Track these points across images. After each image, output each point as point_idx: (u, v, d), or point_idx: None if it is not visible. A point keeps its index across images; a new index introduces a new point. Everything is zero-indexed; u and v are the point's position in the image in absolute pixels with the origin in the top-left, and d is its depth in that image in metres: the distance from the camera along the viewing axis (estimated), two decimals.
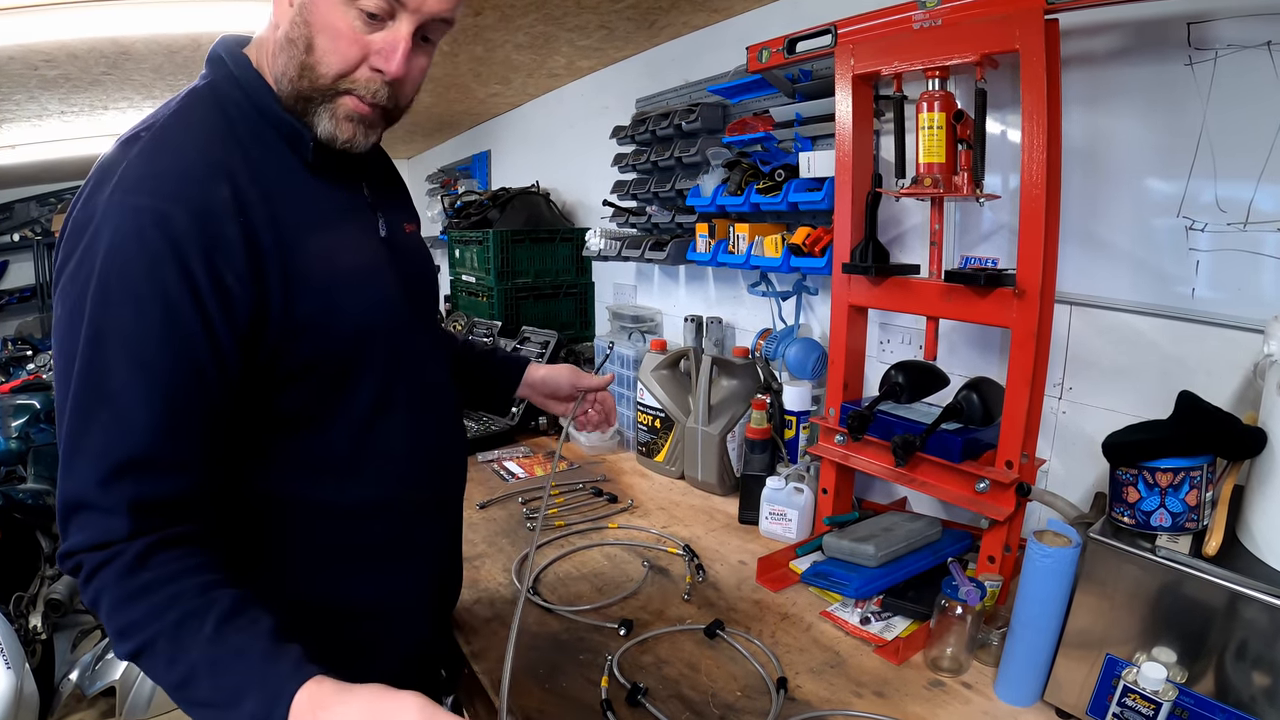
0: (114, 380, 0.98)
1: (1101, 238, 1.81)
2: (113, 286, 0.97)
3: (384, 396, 1.28)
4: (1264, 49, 1.50)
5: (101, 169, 1.06)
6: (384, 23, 1.13)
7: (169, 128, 1.09)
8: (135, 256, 0.98)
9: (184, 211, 1.00)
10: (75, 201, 1.06)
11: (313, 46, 1.11)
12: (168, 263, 0.99)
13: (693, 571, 1.99)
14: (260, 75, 1.17)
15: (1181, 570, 1.24)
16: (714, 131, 2.88)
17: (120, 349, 0.98)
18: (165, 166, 1.04)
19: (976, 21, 1.63)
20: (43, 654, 3.49)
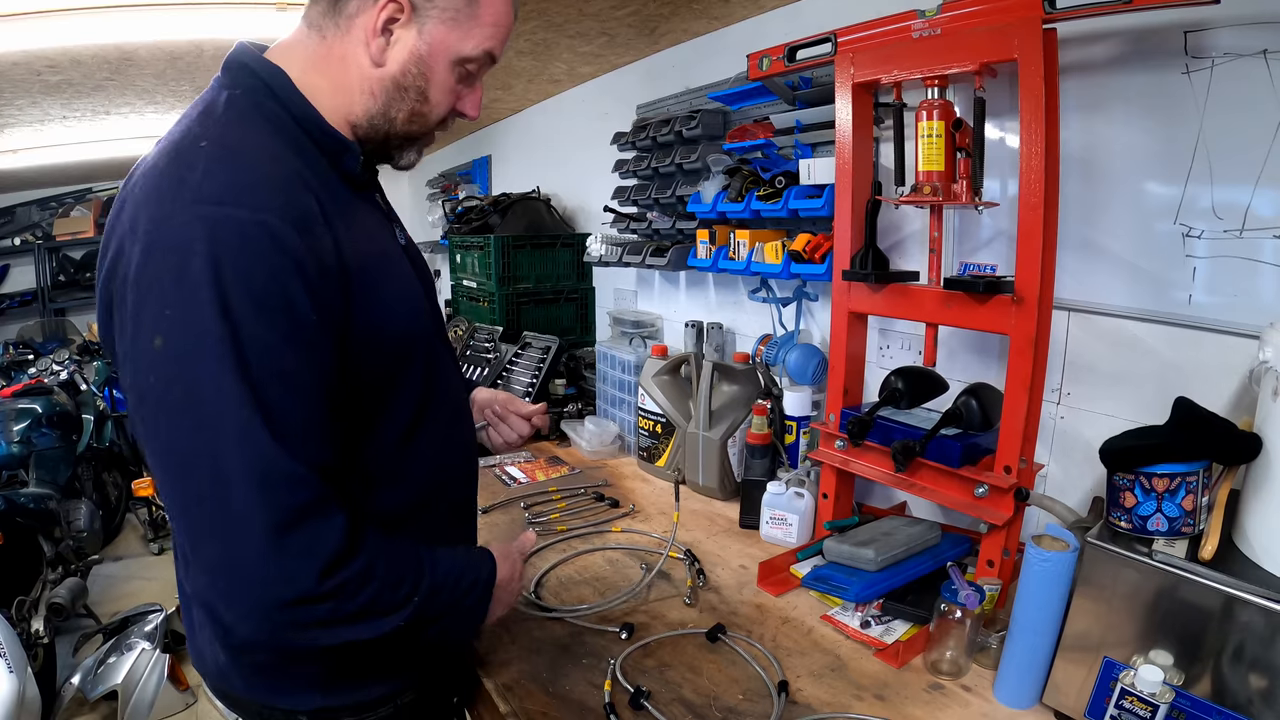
0: (271, 394, 0.99)
1: (1099, 244, 1.82)
2: (240, 304, 0.97)
3: (423, 401, 1.32)
4: (1260, 57, 1.51)
5: (157, 189, 1.04)
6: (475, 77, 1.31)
7: (234, 136, 1.10)
8: (256, 271, 0.99)
9: (287, 224, 1.02)
10: (130, 212, 1.04)
11: (427, 98, 1.25)
12: (291, 275, 1.01)
13: (694, 576, 2.00)
14: (301, 93, 1.19)
15: (1178, 574, 1.25)
16: (715, 138, 2.89)
17: (265, 365, 0.99)
18: (252, 177, 1.05)
19: (975, 31, 1.64)
20: (44, 658, 3.50)
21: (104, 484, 5.49)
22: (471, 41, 1.23)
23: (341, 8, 1.18)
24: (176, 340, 0.97)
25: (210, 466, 0.97)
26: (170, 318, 0.97)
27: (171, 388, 0.98)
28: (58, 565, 4.10)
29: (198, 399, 0.97)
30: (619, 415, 3.17)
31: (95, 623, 4.08)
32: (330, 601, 1.03)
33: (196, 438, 0.98)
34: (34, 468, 4.42)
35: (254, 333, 0.98)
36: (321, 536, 1.02)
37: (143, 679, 3.51)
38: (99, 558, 4.63)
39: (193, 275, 0.96)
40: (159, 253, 0.98)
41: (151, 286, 0.98)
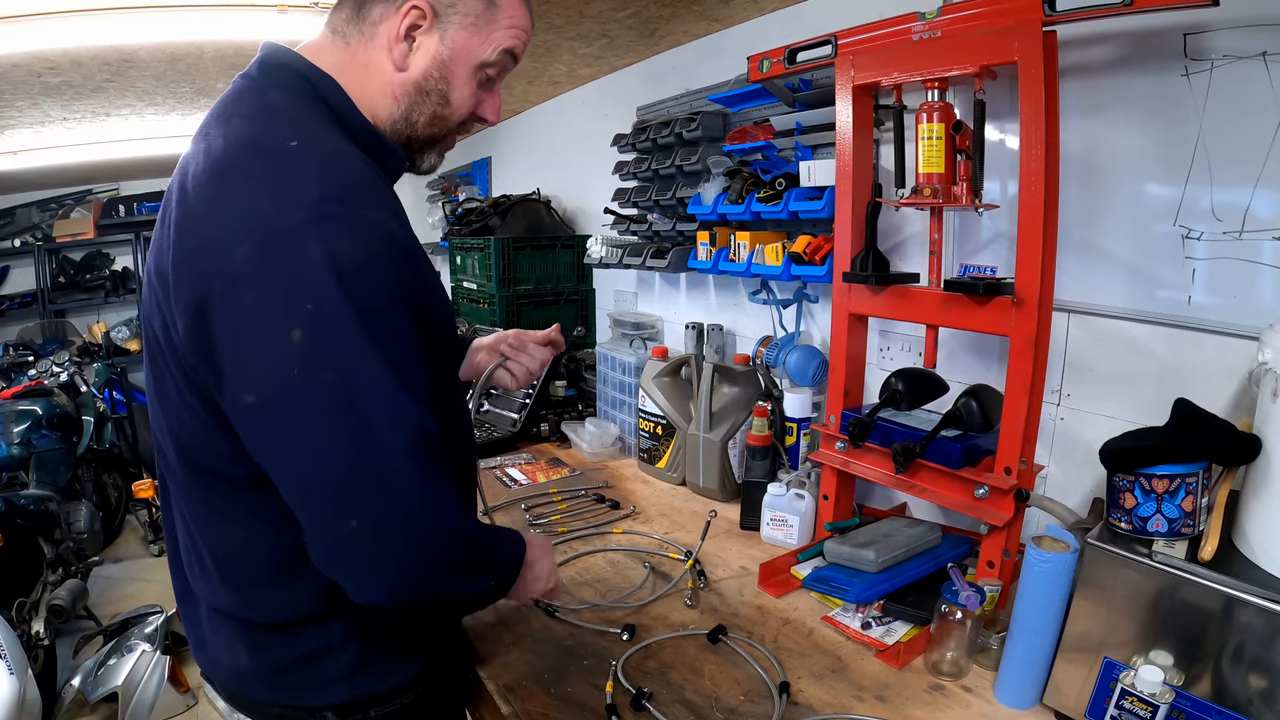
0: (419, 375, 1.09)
1: (1099, 246, 1.83)
2: (370, 293, 1.01)
3: (453, 388, 1.42)
4: (1259, 59, 1.51)
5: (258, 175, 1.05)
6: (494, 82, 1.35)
7: (320, 137, 1.13)
8: (381, 265, 1.04)
9: (397, 221, 1.10)
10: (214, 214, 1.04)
11: (448, 101, 1.28)
12: (406, 268, 1.08)
13: (694, 577, 2.00)
14: (347, 95, 1.22)
15: (1178, 575, 1.26)
16: (715, 140, 2.89)
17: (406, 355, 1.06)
18: (359, 178, 1.09)
19: (975, 33, 1.65)
20: (45, 660, 3.50)
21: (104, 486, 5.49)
22: (491, 45, 1.27)
23: (365, 14, 1.21)
24: (320, 331, 0.99)
25: (365, 442, 1.01)
26: (311, 311, 0.98)
27: (321, 376, 1.00)
28: (58, 567, 4.10)
29: (351, 382, 1.00)
30: (619, 417, 3.17)
31: (95, 624, 4.09)
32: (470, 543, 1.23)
33: (348, 418, 1.01)
34: (34, 469, 4.43)
35: (387, 320, 1.03)
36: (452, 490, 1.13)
37: (143, 681, 3.52)
38: (99, 559, 4.63)
39: (321, 271, 0.98)
40: (283, 249, 0.99)
41: (279, 283, 0.99)
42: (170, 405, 1.17)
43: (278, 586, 1.22)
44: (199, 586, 1.32)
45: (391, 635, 1.31)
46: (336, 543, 1.04)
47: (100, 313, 8.42)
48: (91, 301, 8.20)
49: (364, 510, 1.03)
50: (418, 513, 1.05)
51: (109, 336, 8.08)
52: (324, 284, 0.97)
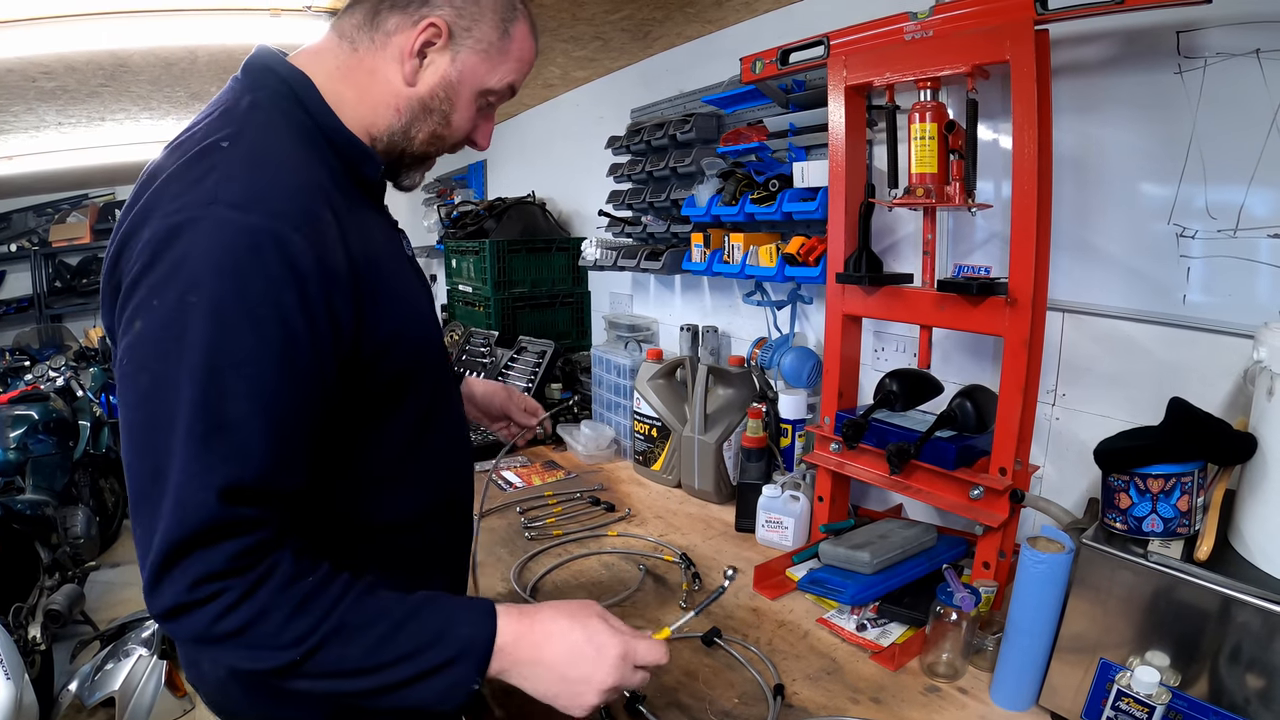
0: (233, 408, 0.96)
1: (1093, 245, 1.82)
2: (228, 309, 0.95)
3: (429, 408, 1.33)
4: (1253, 57, 1.51)
5: (175, 181, 1.03)
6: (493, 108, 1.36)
7: (257, 139, 1.09)
8: (254, 279, 0.97)
9: (299, 235, 1.01)
10: (142, 211, 1.02)
11: (450, 122, 1.28)
12: (288, 288, 0.99)
13: (689, 579, 1.99)
14: (323, 96, 1.20)
15: (1174, 575, 1.25)
16: (708, 141, 2.89)
17: (238, 376, 0.96)
18: (270, 183, 1.04)
19: (967, 33, 1.65)
20: (42, 665, 3.48)
21: (101, 490, 5.47)
22: (498, 74, 1.28)
23: (380, 23, 1.20)
24: (155, 331, 0.96)
25: (150, 460, 0.97)
26: (156, 308, 0.96)
27: (140, 375, 0.98)
28: (55, 572, 4.08)
29: (158, 393, 0.96)
30: (615, 419, 3.18)
31: (93, 629, 4.07)
32: (199, 612, 0.96)
33: (148, 428, 0.97)
34: (30, 474, 4.41)
35: (236, 343, 0.96)
36: (217, 552, 0.96)
37: (140, 685, 3.50)
38: (96, 564, 4.61)
39: (189, 274, 0.95)
40: (163, 246, 0.97)
41: (148, 274, 0.97)
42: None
43: None
44: None
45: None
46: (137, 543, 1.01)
47: (96, 317, 8.41)
48: (88, 306, 8.22)
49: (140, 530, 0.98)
50: (149, 576, 0.96)
51: (105, 341, 8.07)
52: (177, 286, 0.95)
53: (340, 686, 1.03)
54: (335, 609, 1.02)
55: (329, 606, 1.01)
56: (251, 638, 0.98)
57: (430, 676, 1.04)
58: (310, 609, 1.00)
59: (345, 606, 1.03)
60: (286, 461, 1.03)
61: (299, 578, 1.01)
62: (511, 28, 1.27)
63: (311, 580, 1.02)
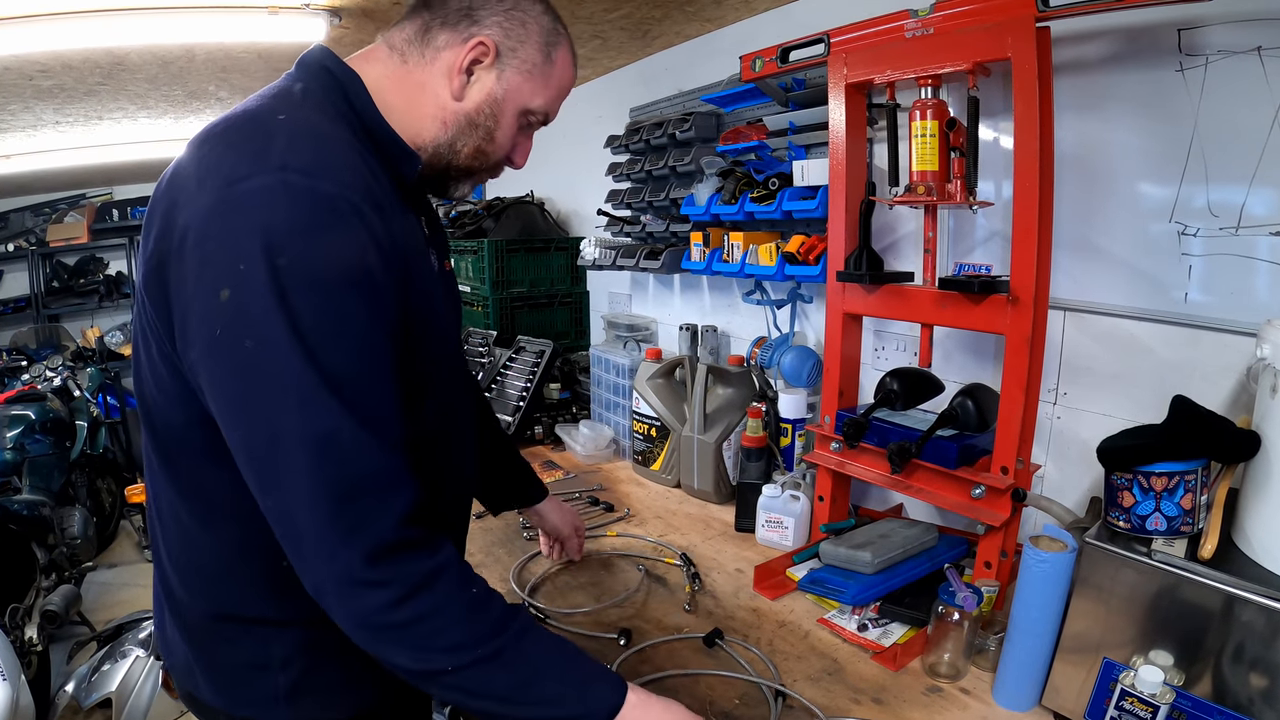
0: (353, 370, 1.00)
1: (1095, 244, 1.82)
2: (327, 276, 0.98)
3: (444, 414, 1.36)
4: (1254, 54, 1.51)
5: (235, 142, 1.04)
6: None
7: (313, 118, 1.11)
8: (338, 242, 0.99)
9: (368, 204, 1.04)
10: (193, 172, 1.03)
11: (494, 138, 1.29)
12: (370, 249, 1.02)
13: (690, 580, 1.99)
14: (372, 96, 1.21)
15: (1177, 574, 1.25)
16: (708, 140, 2.89)
17: (358, 340, 1.01)
18: (335, 158, 1.05)
19: (968, 30, 1.64)
20: (38, 666, 3.48)
21: (98, 491, 5.47)
22: (540, 96, 1.30)
23: (430, 39, 1.22)
24: (245, 294, 0.95)
25: (269, 426, 0.98)
26: (243, 272, 0.95)
27: (238, 343, 0.97)
28: (51, 572, 4.08)
29: (263, 357, 0.96)
30: (614, 419, 3.17)
31: (89, 630, 4.07)
32: (386, 591, 1.00)
33: (262, 387, 0.98)
34: (27, 474, 4.41)
35: (329, 301, 0.98)
36: (378, 513, 1.00)
37: (137, 687, 3.49)
38: (93, 565, 4.61)
39: (273, 237, 0.95)
40: (236, 210, 0.97)
41: (224, 241, 0.97)
42: (142, 369, 1.17)
43: (221, 580, 1.21)
44: (159, 573, 1.30)
45: (334, 661, 1.26)
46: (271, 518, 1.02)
47: (94, 317, 8.43)
48: (85, 306, 8.20)
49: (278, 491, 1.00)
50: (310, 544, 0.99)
51: (102, 341, 8.08)
52: (259, 248, 0.95)
53: (469, 705, 1.09)
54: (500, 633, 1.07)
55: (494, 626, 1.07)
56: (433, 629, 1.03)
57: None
58: (479, 623, 1.06)
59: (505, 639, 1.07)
60: (394, 412, 1.07)
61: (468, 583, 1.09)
62: (554, 52, 1.29)
63: (476, 591, 1.09)
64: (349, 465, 0.98)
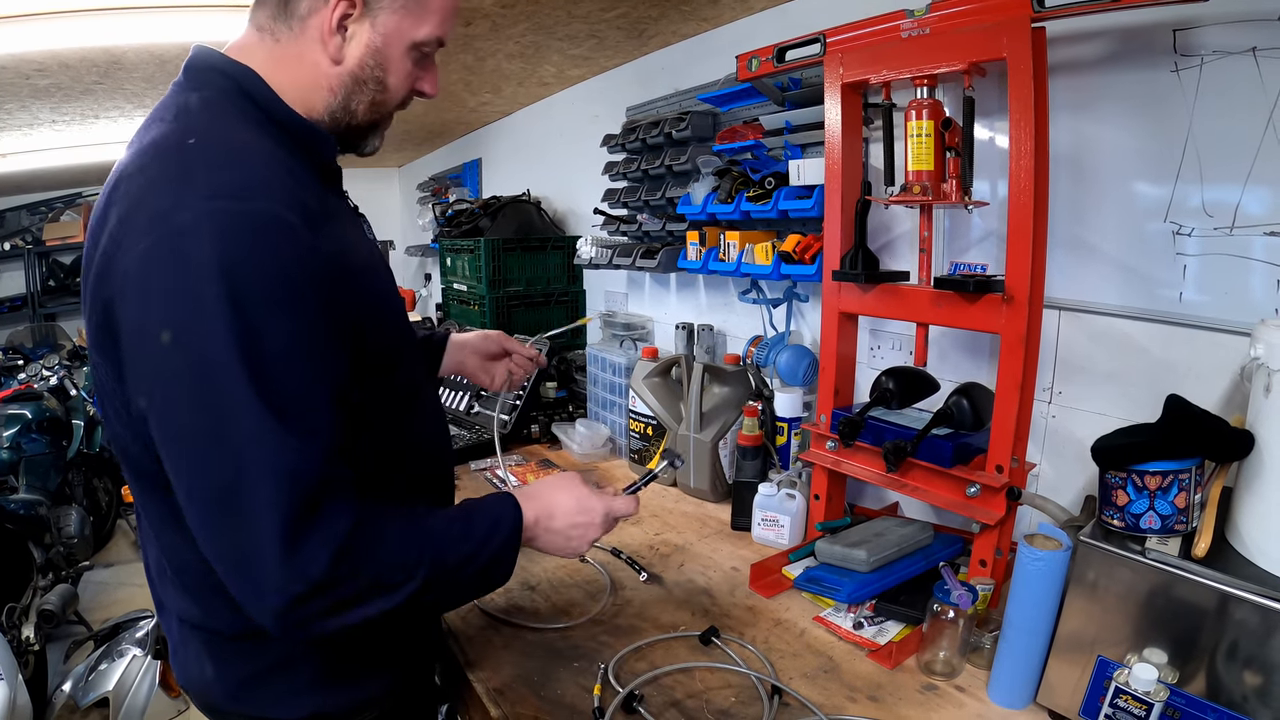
0: (293, 387, 1.00)
1: (1089, 243, 1.82)
2: (255, 295, 0.96)
3: (411, 384, 1.37)
4: (1249, 55, 1.51)
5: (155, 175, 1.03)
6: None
7: (222, 133, 1.10)
8: (270, 261, 0.99)
9: (295, 215, 1.03)
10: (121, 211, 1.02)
11: (386, 86, 1.27)
12: (300, 264, 1.01)
13: (636, 570, 2.05)
14: (272, 89, 1.19)
15: (1172, 572, 1.25)
16: (704, 139, 2.89)
17: (291, 356, 1.00)
18: (256, 172, 1.05)
19: (964, 30, 1.64)
20: (36, 665, 3.48)
21: (94, 490, 5.47)
22: (426, 25, 1.25)
23: (292, 9, 1.18)
24: (187, 334, 0.95)
25: (223, 462, 0.97)
26: (181, 311, 0.95)
27: (181, 381, 0.97)
28: (48, 572, 4.08)
29: (210, 393, 0.96)
30: (610, 418, 3.17)
31: (86, 629, 4.07)
32: (343, 585, 1.02)
33: (209, 431, 0.97)
34: (24, 473, 4.41)
35: (269, 324, 0.97)
36: (334, 521, 1.01)
37: (134, 686, 3.50)
38: (90, 564, 4.61)
39: (205, 269, 0.94)
40: (167, 248, 0.96)
41: (158, 281, 0.96)
42: (108, 412, 1.17)
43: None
44: (166, 596, 1.32)
45: (354, 651, 1.30)
46: (213, 559, 1.03)
47: None
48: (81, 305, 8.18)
49: (220, 548, 1.01)
50: (268, 576, 0.98)
51: None
52: (197, 284, 0.95)
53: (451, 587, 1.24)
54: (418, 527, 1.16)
55: (416, 527, 1.16)
56: (384, 582, 1.08)
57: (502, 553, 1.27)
58: (410, 535, 1.14)
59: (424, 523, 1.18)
60: (335, 425, 1.06)
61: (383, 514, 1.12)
62: None
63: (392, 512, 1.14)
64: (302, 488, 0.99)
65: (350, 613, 1.05)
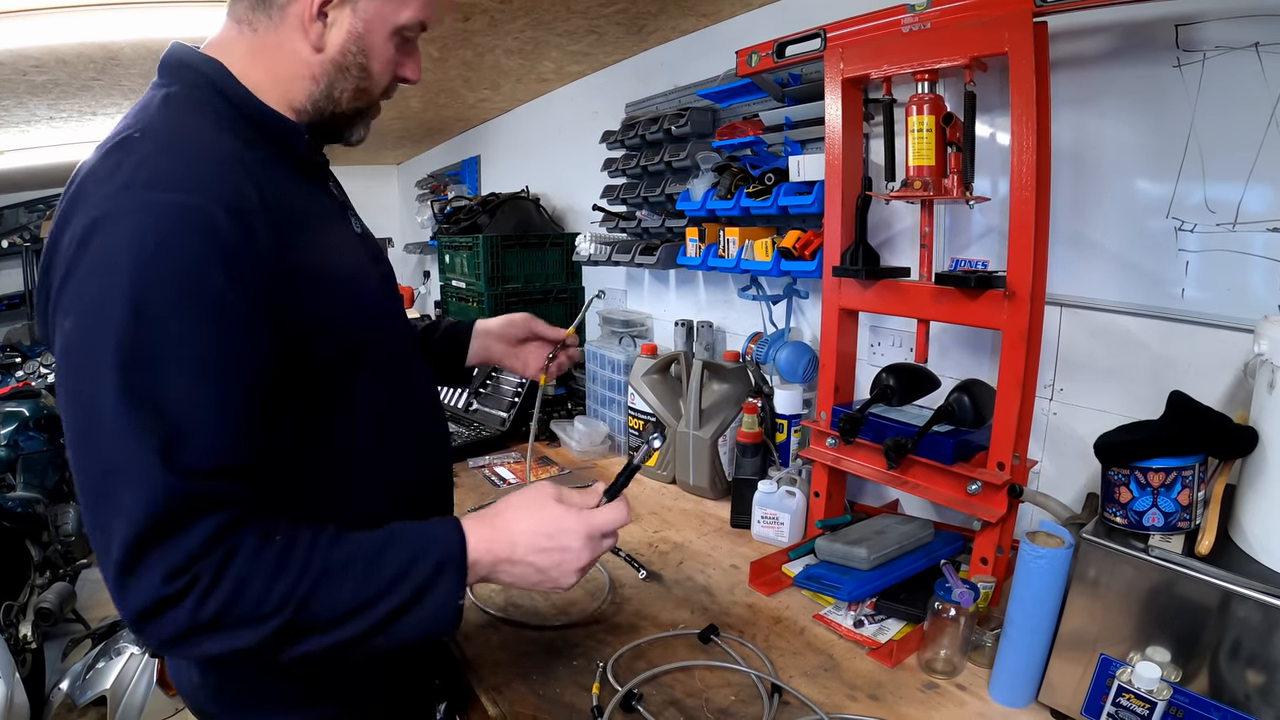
0: (171, 391, 0.94)
1: (1091, 239, 1.82)
2: (156, 291, 0.93)
3: (388, 387, 1.30)
4: (1251, 50, 1.50)
5: (92, 177, 1.01)
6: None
7: (168, 124, 1.07)
8: (176, 257, 0.95)
9: (219, 206, 0.98)
10: (64, 214, 1.00)
11: (369, 72, 1.24)
12: (214, 263, 0.97)
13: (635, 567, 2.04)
14: (240, 81, 1.17)
15: (1175, 570, 1.24)
16: (703, 136, 2.88)
17: (175, 358, 0.95)
18: (186, 161, 1.02)
19: (965, 24, 1.63)
20: (33, 663, 3.47)
21: None
22: (407, 10, 1.23)
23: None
24: (86, 327, 0.94)
25: (89, 462, 0.95)
26: (83, 305, 0.94)
27: (74, 375, 0.96)
28: (45, 570, 4.07)
29: (95, 390, 0.93)
30: (609, 415, 3.16)
31: (84, 628, 4.05)
32: (184, 609, 0.93)
33: (81, 429, 0.95)
34: (21, 471, 4.39)
35: (163, 326, 0.94)
36: (183, 540, 0.94)
37: (132, 684, 3.48)
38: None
39: (111, 263, 0.93)
40: (85, 242, 0.95)
41: (73, 273, 0.96)
42: None
43: None
44: None
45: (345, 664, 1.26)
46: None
47: None
48: None
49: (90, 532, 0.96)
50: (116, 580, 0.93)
51: None
52: (102, 277, 0.93)
53: (339, 635, 1.02)
54: (313, 558, 1.01)
55: (306, 557, 1.00)
56: (237, 615, 0.96)
57: (421, 598, 1.05)
58: (289, 566, 0.99)
59: (322, 552, 1.02)
60: (237, 438, 1.00)
61: (268, 539, 0.99)
62: None
63: (280, 540, 1.00)
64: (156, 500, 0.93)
65: (212, 639, 0.96)
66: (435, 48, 3.13)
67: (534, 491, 1.22)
